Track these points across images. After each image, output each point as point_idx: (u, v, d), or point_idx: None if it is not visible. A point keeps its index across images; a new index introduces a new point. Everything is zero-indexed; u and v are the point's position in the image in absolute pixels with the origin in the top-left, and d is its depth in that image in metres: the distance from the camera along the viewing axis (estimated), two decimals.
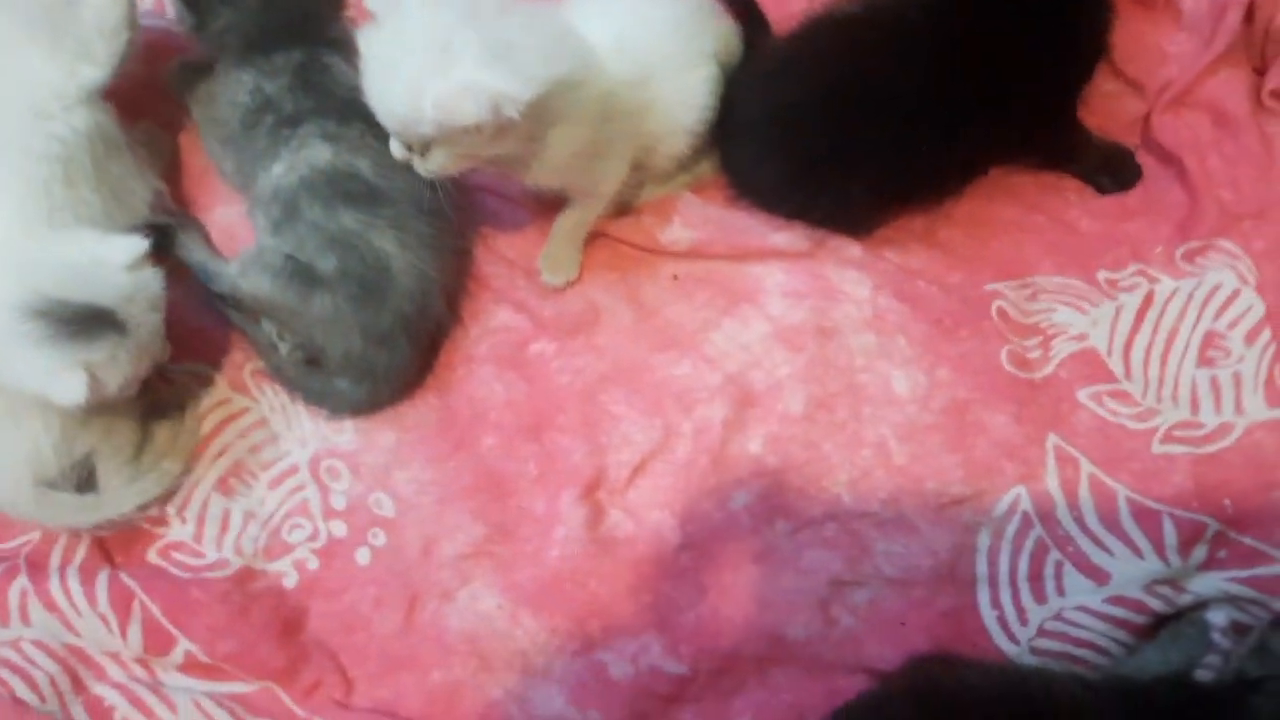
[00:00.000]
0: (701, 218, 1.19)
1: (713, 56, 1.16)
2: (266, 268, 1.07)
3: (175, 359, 1.09)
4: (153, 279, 0.99)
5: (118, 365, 0.97)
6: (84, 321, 0.94)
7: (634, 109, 1.09)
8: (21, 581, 1.03)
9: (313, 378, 1.13)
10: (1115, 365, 1.14)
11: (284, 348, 1.13)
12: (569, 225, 1.17)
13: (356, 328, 1.08)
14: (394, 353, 1.10)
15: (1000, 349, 1.14)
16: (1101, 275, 1.18)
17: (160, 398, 1.12)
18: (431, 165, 1.00)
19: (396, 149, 1.01)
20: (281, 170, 1.09)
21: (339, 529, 1.10)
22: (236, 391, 1.15)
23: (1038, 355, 1.15)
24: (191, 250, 1.14)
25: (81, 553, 1.06)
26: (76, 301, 0.94)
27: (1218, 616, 1.03)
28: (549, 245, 1.18)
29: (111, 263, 0.97)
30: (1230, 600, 1.03)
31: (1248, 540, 1.05)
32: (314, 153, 1.08)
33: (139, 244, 0.98)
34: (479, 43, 0.93)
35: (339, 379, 1.12)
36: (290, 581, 1.08)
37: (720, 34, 1.18)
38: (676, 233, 1.19)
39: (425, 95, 0.92)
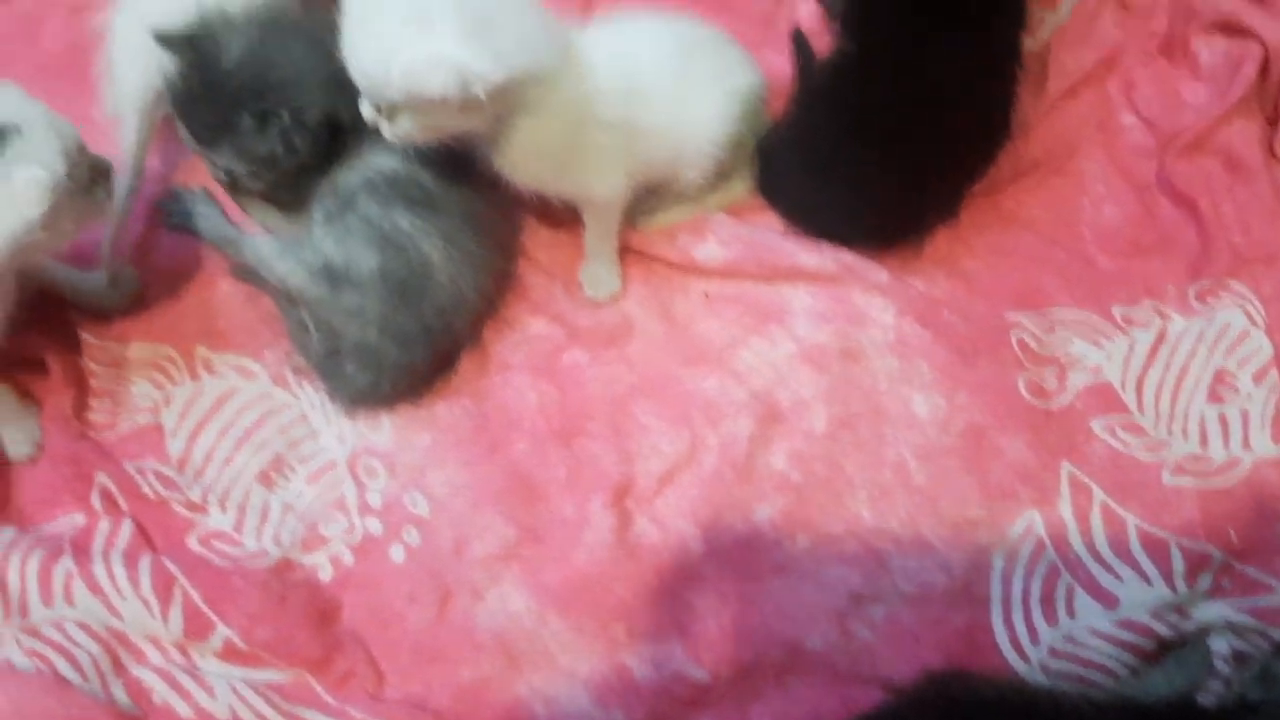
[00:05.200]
0: (733, 236, 1.23)
1: (732, 90, 1.16)
2: (302, 262, 1.09)
3: (218, 348, 1.11)
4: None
5: None
6: None
7: (622, 123, 1.08)
8: (66, 563, 1.05)
9: (328, 359, 1.14)
10: (1128, 398, 1.18)
11: (312, 328, 1.14)
12: (593, 240, 1.19)
13: (376, 323, 1.09)
14: (407, 352, 1.12)
15: (1018, 377, 1.18)
16: (1117, 310, 1.23)
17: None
18: (397, 130, 0.98)
19: (365, 109, 0.99)
20: (345, 173, 1.11)
21: (375, 526, 1.13)
22: (278, 386, 1.18)
23: (1054, 385, 1.19)
24: (211, 221, 1.16)
25: (124, 537, 1.09)
26: None
27: (1220, 644, 1.07)
28: (587, 261, 1.22)
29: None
30: (1231, 628, 1.07)
31: (1251, 571, 1.09)
32: (381, 160, 1.10)
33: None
34: (458, 16, 0.93)
35: (348, 362, 1.13)
36: (325, 575, 1.10)
37: (742, 70, 1.19)
38: (711, 250, 1.22)
39: (396, 61, 0.92)
